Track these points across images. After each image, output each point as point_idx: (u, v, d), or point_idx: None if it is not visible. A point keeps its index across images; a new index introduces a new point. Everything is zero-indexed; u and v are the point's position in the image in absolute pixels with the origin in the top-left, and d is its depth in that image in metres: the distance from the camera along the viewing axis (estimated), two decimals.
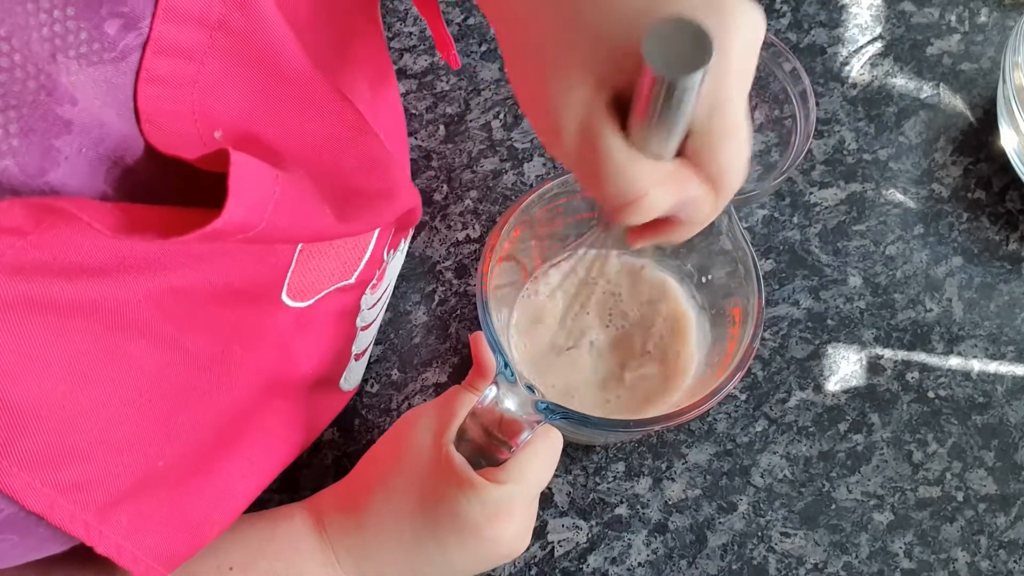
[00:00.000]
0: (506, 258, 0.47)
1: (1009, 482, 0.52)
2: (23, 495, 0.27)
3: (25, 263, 0.25)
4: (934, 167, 0.59)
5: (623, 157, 0.28)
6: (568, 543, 0.51)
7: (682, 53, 0.25)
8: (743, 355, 0.43)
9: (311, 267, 0.41)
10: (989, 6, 0.62)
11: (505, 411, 0.38)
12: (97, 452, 0.29)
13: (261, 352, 0.38)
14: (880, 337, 0.55)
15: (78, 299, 0.27)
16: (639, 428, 0.42)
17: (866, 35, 0.62)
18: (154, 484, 0.32)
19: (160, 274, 0.30)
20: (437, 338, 0.55)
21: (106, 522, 0.30)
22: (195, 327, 0.32)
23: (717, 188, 0.30)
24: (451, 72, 0.61)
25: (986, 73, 0.61)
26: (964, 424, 0.53)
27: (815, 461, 0.52)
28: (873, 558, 0.50)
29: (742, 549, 0.51)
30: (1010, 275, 0.56)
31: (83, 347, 0.28)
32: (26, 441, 0.27)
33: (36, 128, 0.24)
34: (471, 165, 0.59)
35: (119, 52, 0.26)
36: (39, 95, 0.24)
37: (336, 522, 0.42)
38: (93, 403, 0.29)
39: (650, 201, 0.29)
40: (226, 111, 0.30)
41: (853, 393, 0.54)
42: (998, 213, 0.58)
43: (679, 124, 0.28)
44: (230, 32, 0.29)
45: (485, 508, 0.39)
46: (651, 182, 0.29)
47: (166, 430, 0.32)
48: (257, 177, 0.27)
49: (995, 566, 0.50)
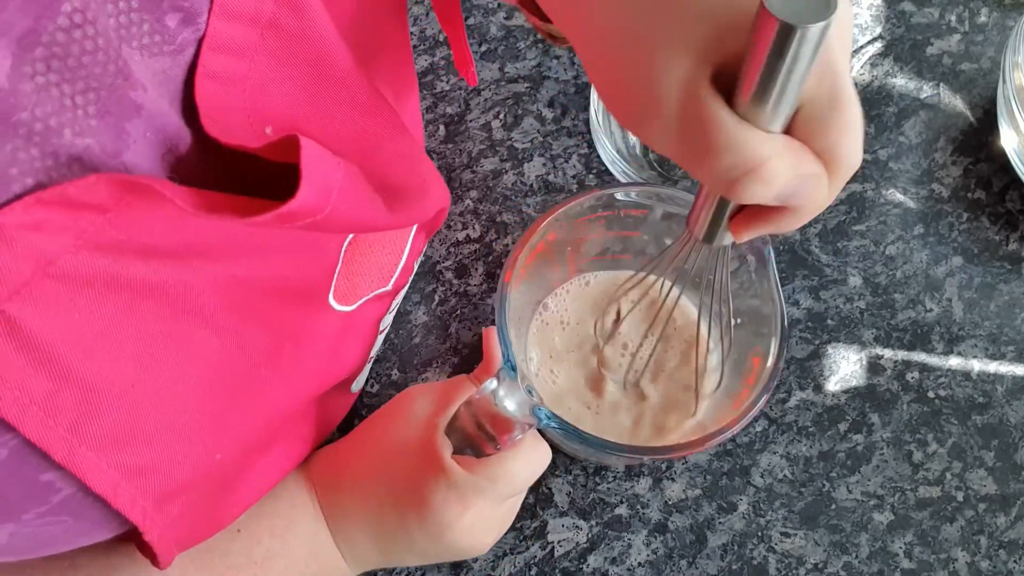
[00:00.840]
0: (537, 258, 0.46)
1: (1009, 482, 0.52)
2: (91, 476, 0.27)
3: (103, 241, 0.26)
4: (934, 167, 0.59)
5: (735, 124, 0.26)
6: (568, 543, 0.51)
7: (803, 3, 0.24)
8: (748, 407, 0.42)
9: (354, 271, 0.42)
10: (989, 6, 0.62)
11: (502, 408, 0.38)
12: (161, 437, 0.30)
13: (310, 354, 0.39)
14: (880, 337, 0.55)
15: (151, 280, 0.28)
16: (629, 454, 0.41)
17: (866, 35, 0.62)
18: (207, 478, 0.33)
19: (223, 262, 0.31)
20: (437, 338, 0.55)
21: (160, 511, 0.31)
22: (253, 319, 0.33)
23: (832, 166, 0.28)
24: (451, 72, 0.61)
25: (986, 73, 0.61)
26: (964, 424, 0.53)
27: (815, 461, 0.52)
28: (873, 558, 0.50)
29: (742, 549, 0.51)
30: (1010, 275, 0.56)
31: (153, 329, 0.28)
32: (96, 421, 0.27)
33: (111, 111, 0.25)
34: (471, 165, 0.59)
35: (177, 45, 0.27)
36: (116, 79, 0.25)
37: (321, 479, 0.44)
38: (159, 387, 0.29)
39: (771, 169, 0.27)
40: (274, 107, 0.31)
41: (853, 393, 0.54)
42: (998, 213, 0.58)
43: (794, 86, 0.26)
44: (280, 31, 0.30)
45: (447, 493, 0.40)
46: (768, 149, 0.27)
47: (223, 424, 0.33)
48: (324, 162, 0.28)
49: (995, 566, 0.50)
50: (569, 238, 0.48)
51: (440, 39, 0.62)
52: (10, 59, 0.22)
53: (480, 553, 0.44)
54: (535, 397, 0.39)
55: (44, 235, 0.24)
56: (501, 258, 0.57)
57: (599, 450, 0.41)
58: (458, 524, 0.41)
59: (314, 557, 0.43)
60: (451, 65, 0.61)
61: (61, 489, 0.27)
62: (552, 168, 0.59)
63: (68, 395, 0.26)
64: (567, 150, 0.59)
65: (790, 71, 0.25)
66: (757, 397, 0.42)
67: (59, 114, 0.24)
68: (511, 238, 0.57)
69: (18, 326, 0.24)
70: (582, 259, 0.51)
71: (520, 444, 0.40)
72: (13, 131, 0.23)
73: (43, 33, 0.23)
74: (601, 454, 0.48)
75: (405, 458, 0.42)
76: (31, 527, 0.27)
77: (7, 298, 0.24)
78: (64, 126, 0.24)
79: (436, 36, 0.62)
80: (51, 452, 0.26)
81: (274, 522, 0.42)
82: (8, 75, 0.22)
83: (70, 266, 0.25)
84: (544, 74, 0.61)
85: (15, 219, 0.23)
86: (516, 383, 0.39)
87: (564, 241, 0.48)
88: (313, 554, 0.43)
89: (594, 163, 0.59)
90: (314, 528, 0.43)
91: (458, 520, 0.41)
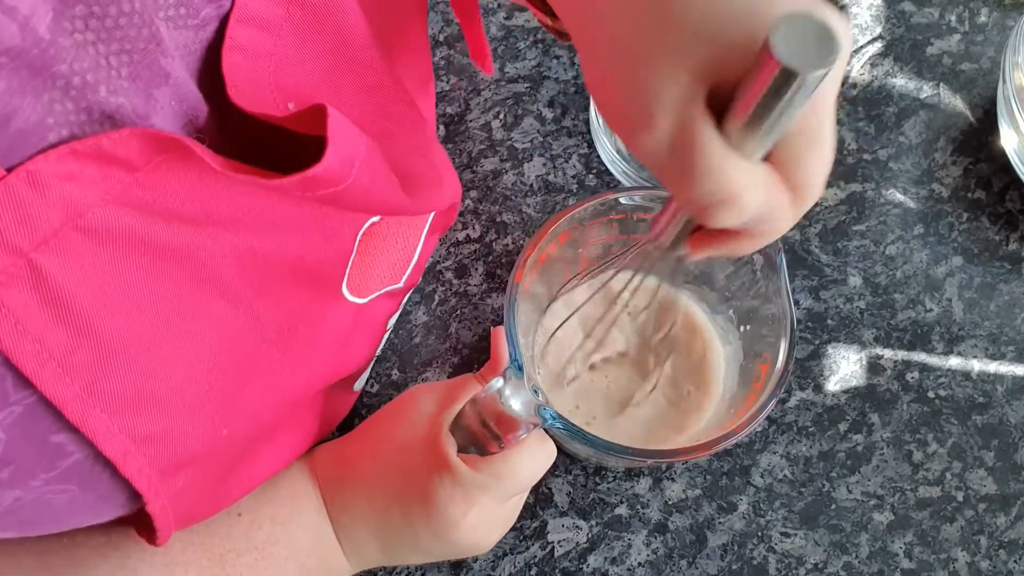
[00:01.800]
0: (547, 261, 0.46)
1: (1009, 482, 0.52)
2: (102, 438, 0.27)
3: (130, 200, 0.26)
4: (934, 167, 0.59)
5: (720, 153, 0.27)
6: (568, 543, 0.51)
7: (807, 48, 0.24)
8: (756, 411, 0.42)
9: (368, 262, 0.43)
10: (989, 6, 0.62)
11: (507, 407, 0.39)
12: (172, 404, 0.30)
13: (321, 341, 0.40)
14: (880, 337, 0.55)
15: (172, 243, 0.28)
16: (634, 456, 0.40)
17: (866, 35, 0.62)
18: (213, 454, 0.33)
19: (242, 233, 0.31)
20: (437, 338, 0.55)
21: (164, 482, 0.31)
22: (268, 296, 0.34)
23: (799, 199, 0.30)
24: (451, 72, 0.61)
25: (986, 73, 0.61)
26: (964, 424, 0.53)
27: (815, 461, 0.52)
28: (873, 558, 0.50)
29: (742, 549, 0.51)
30: (1010, 275, 0.56)
31: (171, 293, 0.29)
32: (111, 381, 0.27)
33: (142, 75, 0.26)
34: (471, 165, 0.59)
35: (200, 20, 0.28)
36: (149, 44, 0.26)
37: (326, 471, 0.44)
38: (174, 352, 0.29)
39: (744, 201, 0.28)
40: (298, 84, 0.31)
41: (853, 393, 0.54)
42: (998, 213, 0.58)
43: (786, 123, 0.27)
44: (306, 7, 0.31)
45: (452, 490, 0.40)
46: (747, 181, 0.28)
47: (232, 400, 0.33)
48: (349, 132, 0.28)
49: (995, 566, 0.50)
50: (579, 240, 0.48)
51: (440, 39, 0.62)
52: (51, 13, 0.23)
53: (483, 551, 0.44)
54: (541, 397, 0.39)
55: (75, 186, 0.24)
56: (501, 258, 0.57)
57: (604, 452, 0.41)
58: (463, 522, 0.41)
59: (315, 549, 0.43)
60: (451, 65, 0.61)
61: (72, 453, 0.28)
62: (552, 168, 0.59)
63: (85, 353, 0.26)
64: (567, 150, 0.59)
65: (784, 110, 0.26)
66: (765, 402, 0.42)
67: (95, 71, 0.24)
68: (511, 238, 0.57)
69: (43, 277, 0.24)
70: (590, 261, 0.51)
71: (525, 442, 0.41)
72: (51, 82, 0.23)
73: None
74: (605, 455, 0.48)
75: (410, 456, 0.42)
76: (37, 493, 0.28)
77: (36, 247, 0.24)
78: (100, 83, 0.25)
79: (436, 36, 0.62)
80: (65, 411, 0.26)
81: (276, 509, 0.42)
82: (49, 27, 0.23)
83: (97, 220, 0.25)
84: (544, 74, 0.61)
85: (49, 167, 0.24)
86: (522, 383, 0.39)
87: (573, 243, 0.48)
88: (314, 546, 0.43)
89: (594, 163, 0.59)
90: (316, 520, 0.43)
91: (463, 518, 0.41)
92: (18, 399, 0.25)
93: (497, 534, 0.44)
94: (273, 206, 0.32)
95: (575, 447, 0.50)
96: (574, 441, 0.42)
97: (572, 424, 0.40)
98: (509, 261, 0.57)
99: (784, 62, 0.24)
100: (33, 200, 0.23)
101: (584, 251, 0.49)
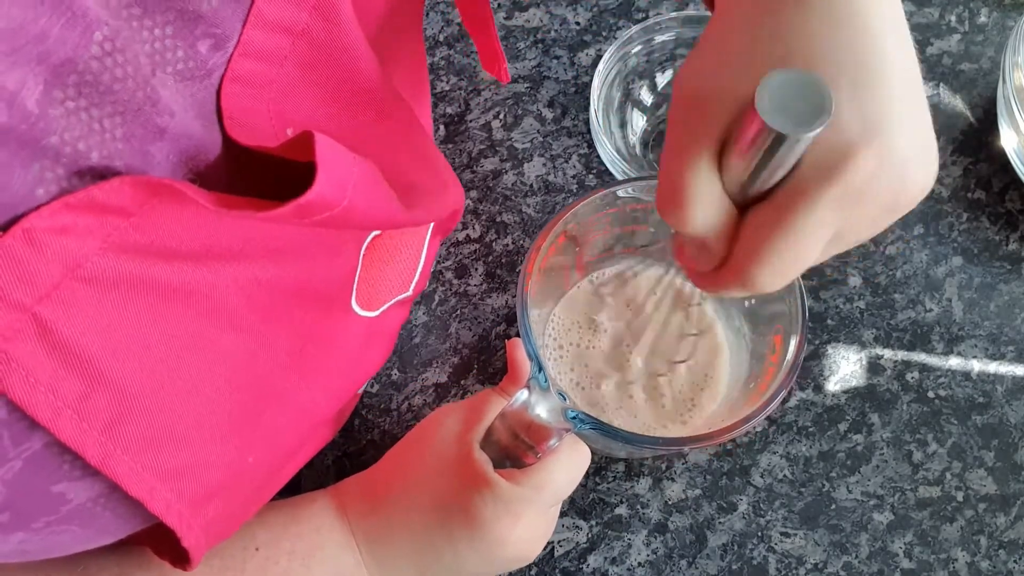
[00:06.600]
0: (549, 263, 0.46)
1: (1009, 482, 0.52)
2: (125, 478, 0.27)
3: (128, 245, 0.26)
4: None
5: (704, 186, 0.29)
6: (568, 543, 0.51)
7: (795, 105, 0.24)
8: (779, 384, 0.42)
9: (375, 276, 0.42)
10: (989, 6, 0.62)
11: (535, 416, 0.38)
12: (193, 438, 0.30)
13: (337, 358, 0.39)
14: (880, 337, 0.55)
15: (175, 282, 0.28)
16: (668, 446, 0.41)
17: None
18: (240, 481, 0.33)
19: (244, 264, 0.31)
20: (437, 338, 0.55)
21: (196, 514, 0.31)
22: (276, 321, 0.34)
23: (725, 268, 0.31)
24: (451, 72, 0.61)
25: (986, 73, 0.61)
26: (964, 424, 0.53)
27: (815, 461, 0.52)
28: (873, 558, 0.50)
29: (742, 549, 0.51)
30: (1010, 275, 0.56)
31: (179, 330, 0.29)
32: (129, 423, 0.27)
33: (136, 134, 0.26)
34: (471, 165, 0.59)
35: (207, 70, 0.28)
36: (144, 105, 0.26)
37: (356, 507, 0.44)
38: (188, 388, 0.29)
39: (688, 214, 0.29)
40: (298, 110, 0.31)
41: (853, 393, 0.54)
42: (998, 213, 0.58)
43: (776, 172, 0.27)
44: (311, 40, 0.30)
45: (496, 507, 0.40)
46: (703, 198, 0.29)
47: (253, 426, 0.33)
48: (339, 156, 0.28)
49: (995, 566, 0.50)
50: (578, 238, 0.48)
51: (440, 39, 0.62)
52: (42, 85, 0.22)
53: (527, 563, 0.44)
54: (568, 401, 0.39)
55: (71, 238, 0.24)
56: (501, 258, 0.57)
57: (637, 445, 0.41)
58: (510, 537, 0.40)
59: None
60: (451, 65, 0.61)
61: (71, 500, 0.27)
62: (552, 168, 0.59)
63: (100, 397, 0.26)
64: (567, 150, 0.59)
65: (770, 164, 0.26)
66: (779, 388, 0.42)
67: (87, 137, 0.24)
68: (511, 238, 0.57)
69: (49, 329, 0.24)
70: (589, 258, 0.51)
71: (559, 449, 0.40)
72: (42, 154, 0.23)
73: (79, 62, 0.23)
74: (636, 449, 0.48)
75: (444, 479, 0.41)
76: (41, 535, 0.28)
77: (38, 301, 0.24)
78: (92, 149, 0.24)
79: (436, 36, 0.62)
80: (86, 455, 0.26)
81: (296, 544, 0.42)
82: (39, 100, 0.22)
83: (97, 268, 0.25)
84: (544, 74, 0.61)
85: (43, 223, 0.23)
86: (548, 390, 0.38)
87: (572, 242, 0.48)
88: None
89: (594, 163, 0.59)
90: (337, 554, 0.42)
91: (510, 533, 0.40)
92: (17, 454, 0.25)
93: (541, 543, 0.44)
94: (272, 233, 0.32)
95: (605, 446, 0.50)
96: (604, 439, 0.42)
97: (602, 423, 0.39)
98: (509, 261, 0.57)
99: (770, 124, 0.24)
100: (31, 257, 0.23)
101: (580, 249, 0.50)
